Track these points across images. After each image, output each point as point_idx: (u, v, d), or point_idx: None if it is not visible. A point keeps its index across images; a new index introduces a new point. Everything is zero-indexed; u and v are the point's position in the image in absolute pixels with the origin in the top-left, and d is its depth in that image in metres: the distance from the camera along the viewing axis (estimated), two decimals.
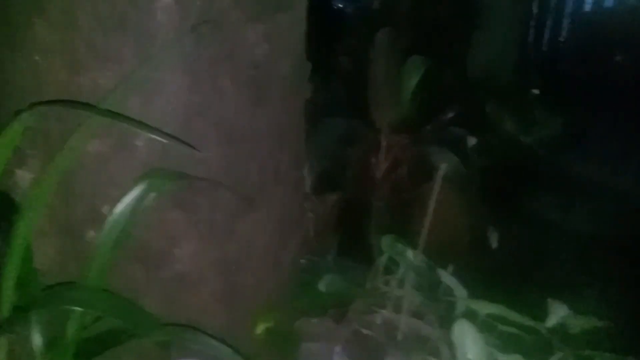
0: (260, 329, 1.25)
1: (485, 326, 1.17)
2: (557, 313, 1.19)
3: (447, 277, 1.24)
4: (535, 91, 2.48)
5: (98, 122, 0.91)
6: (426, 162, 1.58)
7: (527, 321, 1.15)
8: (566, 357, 1.14)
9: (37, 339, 0.89)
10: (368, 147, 1.74)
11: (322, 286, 1.34)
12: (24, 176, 1.06)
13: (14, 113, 0.86)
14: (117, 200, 0.95)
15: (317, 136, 1.64)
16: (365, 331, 1.34)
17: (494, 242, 1.52)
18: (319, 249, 1.62)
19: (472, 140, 1.75)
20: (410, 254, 1.37)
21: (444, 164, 1.26)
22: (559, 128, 2.25)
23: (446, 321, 1.25)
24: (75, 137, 0.89)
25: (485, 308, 1.14)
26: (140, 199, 0.92)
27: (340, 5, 3.92)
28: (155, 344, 0.95)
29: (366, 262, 1.48)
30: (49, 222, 1.03)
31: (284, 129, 1.18)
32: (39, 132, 1.00)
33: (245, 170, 1.11)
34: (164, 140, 0.92)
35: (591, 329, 1.18)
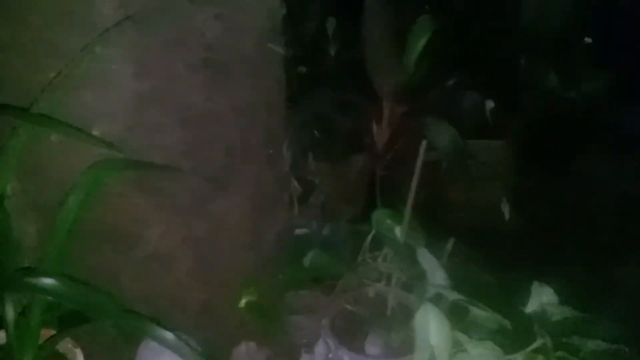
0: (242, 302, 1.29)
1: (458, 310, 1.12)
2: (540, 298, 1.12)
3: (425, 258, 1.20)
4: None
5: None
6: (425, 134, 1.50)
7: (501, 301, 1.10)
8: (547, 344, 1.08)
9: (10, 315, 0.98)
10: (368, 117, 1.68)
11: (306, 261, 1.35)
12: None
13: None
14: None
15: (312, 107, 1.61)
16: (352, 305, 1.34)
17: (496, 218, 1.43)
18: (322, 220, 1.62)
19: (489, 104, 1.63)
20: (398, 230, 1.34)
21: (425, 142, 1.19)
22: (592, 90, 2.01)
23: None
24: (13, 139, 0.95)
25: (452, 295, 1.09)
26: (90, 188, 0.97)
27: None
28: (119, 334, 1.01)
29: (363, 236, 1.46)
30: (28, 205, 1.11)
31: (251, 109, 1.17)
32: None
33: (209, 152, 1.13)
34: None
35: (574, 316, 1.10)
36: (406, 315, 1.31)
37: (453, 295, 1.09)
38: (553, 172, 1.67)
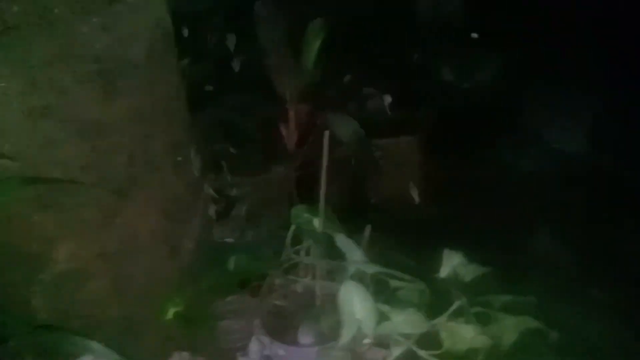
0: (169, 313, 1.27)
1: (379, 283, 1.16)
2: (451, 262, 1.18)
3: (343, 242, 1.24)
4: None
5: None
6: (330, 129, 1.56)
7: (419, 274, 1.15)
8: (463, 304, 1.13)
9: None
10: (277, 120, 1.72)
11: (230, 266, 1.35)
12: None
13: None
14: None
15: (218, 113, 1.63)
16: (282, 302, 1.35)
17: (406, 203, 1.49)
18: (244, 224, 1.63)
19: (387, 99, 1.72)
20: (316, 222, 1.37)
21: (327, 132, 1.24)
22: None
23: None
24: None
25: (372, 269, 1.13)
26: None
27: None
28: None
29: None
30: None
31: (150, 117, 1.18)
32: None
33: (110, 163, 1.12)
34: None
35: (483, 275, 1.17)
36: (333, 302, 1.34)
37: (372, 269, 1.13)
38: (453, 159, 1.79)
